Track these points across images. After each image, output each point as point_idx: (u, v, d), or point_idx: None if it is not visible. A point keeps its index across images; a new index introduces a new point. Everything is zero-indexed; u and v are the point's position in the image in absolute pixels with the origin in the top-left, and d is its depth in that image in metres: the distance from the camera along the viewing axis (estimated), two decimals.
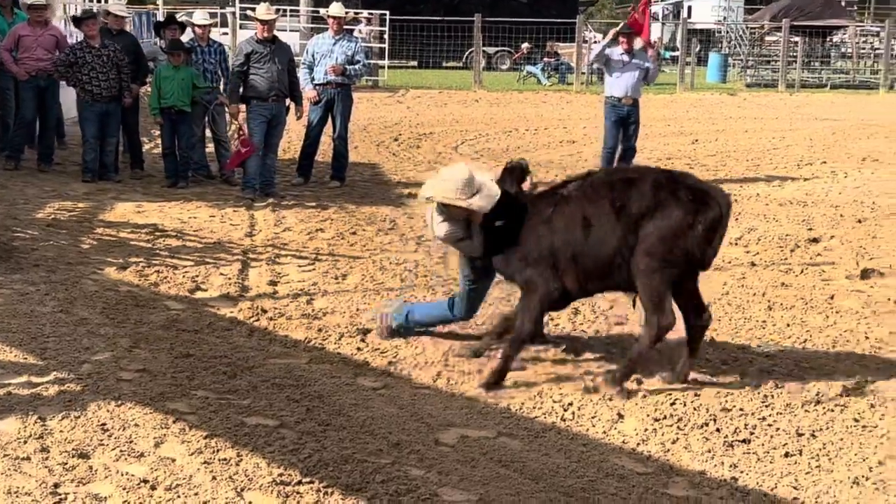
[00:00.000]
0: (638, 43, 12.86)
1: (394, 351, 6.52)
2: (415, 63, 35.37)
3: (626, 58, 12.64)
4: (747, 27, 37.67)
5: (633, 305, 6.11)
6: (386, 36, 29.36)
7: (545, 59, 34.01)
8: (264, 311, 7.19)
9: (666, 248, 5.64)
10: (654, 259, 5.65)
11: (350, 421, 5.33)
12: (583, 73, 30.70)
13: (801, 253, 9.43)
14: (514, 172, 6.14)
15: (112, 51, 11.79)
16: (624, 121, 12.82)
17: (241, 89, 11.57)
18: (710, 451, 5.09)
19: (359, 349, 6.54)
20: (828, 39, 38.55)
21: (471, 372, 6.14)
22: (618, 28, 12.93)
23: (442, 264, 8.71)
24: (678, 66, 32.34)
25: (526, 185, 6.20)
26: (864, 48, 38.21)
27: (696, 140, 18.28)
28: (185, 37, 13.04)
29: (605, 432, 5.36)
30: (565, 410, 5.61)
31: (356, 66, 12.36)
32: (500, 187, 5.97)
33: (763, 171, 14.77)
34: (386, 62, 29.32)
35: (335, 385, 5.86)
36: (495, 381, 5.89)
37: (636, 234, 5.70)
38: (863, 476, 4.81)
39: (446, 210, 6.01)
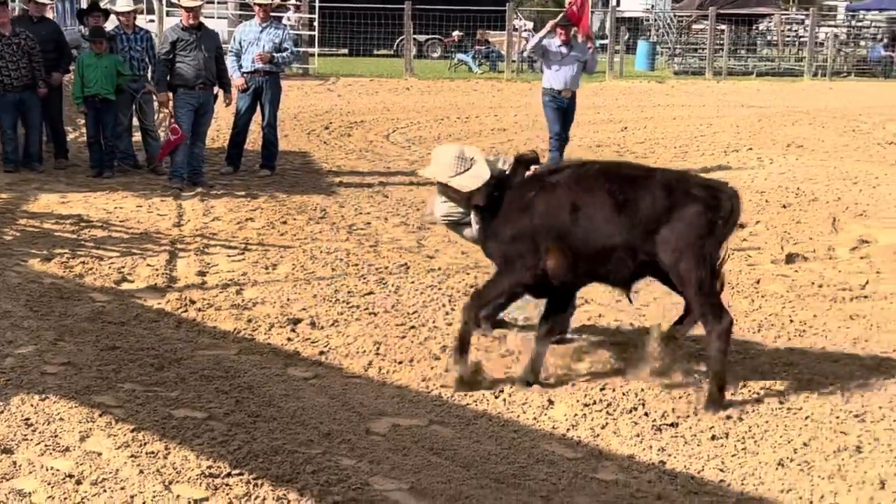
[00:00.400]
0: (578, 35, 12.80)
1: (325, 341, 6.48)
2: (345, 51, 35.13)
3: (564, 50, 12.51)
4: (675, 15, 38.06)
5: (630, 301, 6.09)
6: (315, 23, 29.12)
7: (476, 47, 34.03)
8: (192, 302, 7.11)
9: (701, 253, 5.43)
10: (697, 268, 5.41)
11: (280, 412, 5.28)
12: (513, 62, 30.77)
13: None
14: (524, 163, 5.89)
15: (23, 39, 11.49)
16: (563, 111, 12.76)
17: (168, 77, 11.41)
18: (638, 436, 5.14)
19: (289, 339, 6.49)
20: (754, 27, 39.12)
21: (402, 361, 6.13)
22: (556, 20, 12.72)
23: (373, 252, 8.68)
24: (607, 55, 32.55)
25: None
26: (789, 36, 38.81)
27: (626, 128, 18.43)
28: (111, 24, 12.80)
29: (535, 418, 5.38)
30: (496, 397, 5.62)
31: (284, 54, 12.26)
32: (495, 171, 5.81)
33: (690, 157, 14.95)
34: (316, 50, 29.08)
35: (265, 376, 5.81)
36: (459, 348, 5.78)
37: (650, 237, 5.46)
38: (787, 458, 4.89)
39: (445, 191, 5.92)
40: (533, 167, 5.92)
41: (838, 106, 23.20)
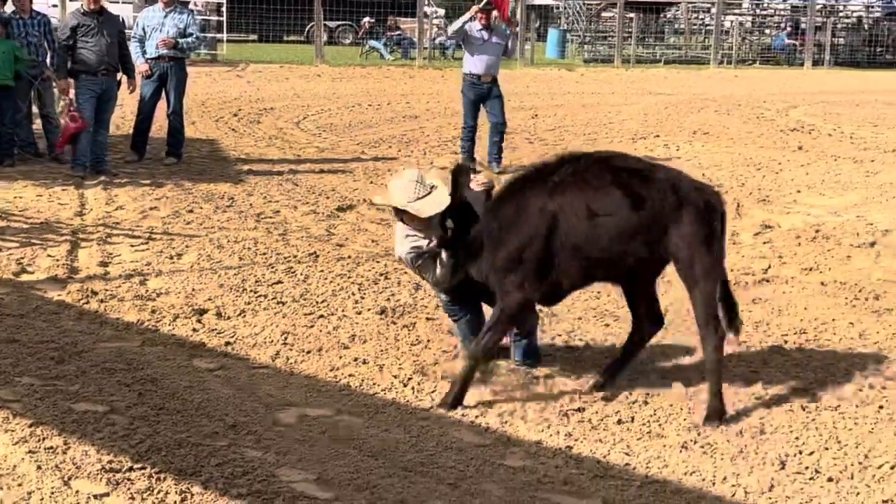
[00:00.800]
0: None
1: (231, 331, 6.39)
2: (255, 37, 34.73)
3: (485, 34, 12.30)
4: (584, 4, 38.38)
5: None
6: (223, 9, 28.73)
7: (387, 33, 33.91)
8: (94, 294, 6.94)
9: (711, 253, 5.25)
10: (707, 269, 5.22)
11: (185, 404, 5.19)
12: (425, 49, 30.74)
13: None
14: (462, 175, 5.43)
15: None
16: (483, 98, 12.47)
17: (68, 63, 11.14)
18: (546, 421, 5.17)
19: (194, 330, 6.38)
20: (661, 16, 39.67)
21: (310, 350, 6.07)
22: (479, 5, 12.30)
23: (282, 241, 8.58)
24: (518, 42, 32.72)
25: (476, 185, 5.54)
26: (695, 24, 39.44)
27: (536, 115, 18.52)
28: (9, 8, 12.42)
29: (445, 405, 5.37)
30: (405, 386, 5.60)
31: (189, 40, 12.05)
32: (455, 196, 5.37)
33: (600, 144, 15.07)
34: (224, 36, 28.70)
35: (169, 368, 5.71)
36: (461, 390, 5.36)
37: (657, 235, 5.23)
38: (691, 440, 4.96)
39: (402, 218, 5.60)
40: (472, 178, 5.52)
41: (743, 93, 23.64)
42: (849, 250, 8.71)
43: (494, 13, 12.49)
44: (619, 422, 5.18)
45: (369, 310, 6.88)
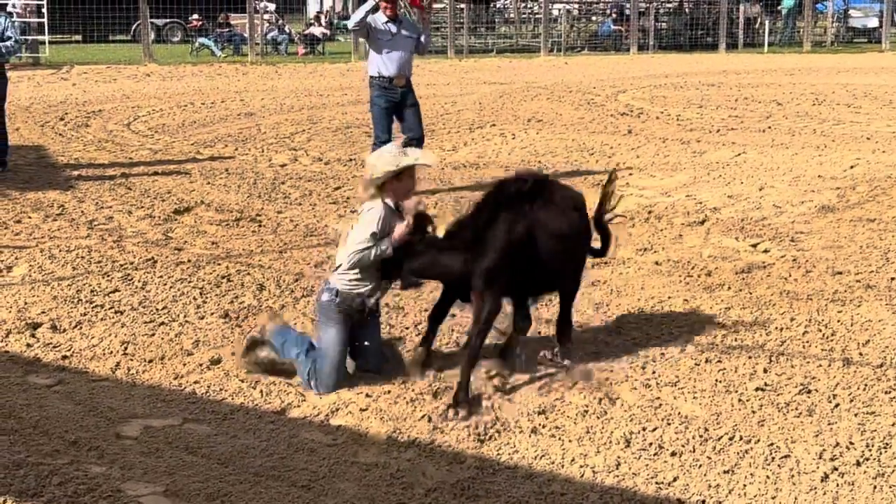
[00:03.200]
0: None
1: (68, 344, 6.17)
2: (79, 37, 33.62)
3: (392, 27, 10.50)
4: None
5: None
6: (44, 10, 27.69)
7: (218, 30, 33.31)
8: None
9: None
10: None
11: (21, 423, 5.00)
12: (257, 44, 30.33)
13: None
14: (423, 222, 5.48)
15: None
16: (398, 106, 10.65)
17: None
18: (399, 416, 5.17)
19: (28, 345, 6.13)
20: (491, 5, 40.16)
21: (152, 359, 5.92)
22: None
23: (117, 248, 8.33)
24: (351, 36, 32.61)
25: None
26: (524, 13, 40.10)
27: None
28: None
29: (294, 407, 5.32)
30: (253, 389, 5.52)
31: (7, 44, 11.53)
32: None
33: (437, 136, 15.16)
34: (46, 37, 27.69)
35: (3, 386, 5.48)
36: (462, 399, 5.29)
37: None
38: (540, 425, 5.05)
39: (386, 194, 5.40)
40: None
41: (573, 80, 24.16)
42: (680, 229, 9.02)
43: (402, 2, 10.93)
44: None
45: (212, 314, 6.75)
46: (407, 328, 6.51)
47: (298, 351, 5.58)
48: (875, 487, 4.38)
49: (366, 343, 5.66)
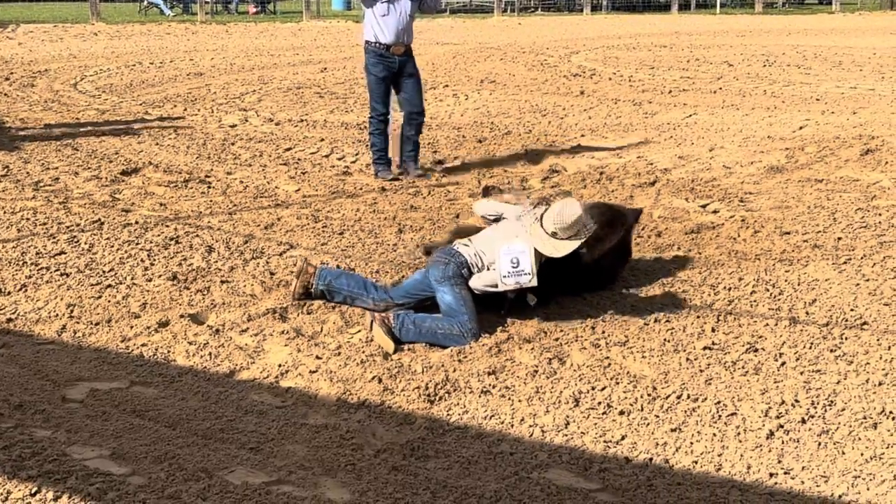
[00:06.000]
0: None
1: (12, 307, 6.07)
2: None
3: None
4: None
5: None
6: None
7: None
8: None
9: None
10: None
11: None
12: (206, 3, 29.89)
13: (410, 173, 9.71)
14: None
15: None
16: (396, 76, 9.50)
17: None
18: (347, 379, 5.16)
19: None
20: None
21: (99, 322, 5.84)
22: None
23: (63, 210, 8.21)
24: None
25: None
26: None
27: (325, 69, 18.37)
28: None
29: (243, 369, 5.29)
30: (202, 351, 5.47)
31: None
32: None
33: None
34: None
35: None
36: None
37: None
38: (490, 385, 5.06)
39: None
40: None
41: (527, 41, 24.11)
42: (631, 190, 9.05)
43: None
44: (420, 372, 5.22)
45: (160, 276, 6.68)
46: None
47: (433, 323, 5.65)
48: (819, 444, 4.44)
49: None
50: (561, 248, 5.62)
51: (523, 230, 5.76)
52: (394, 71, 9.40)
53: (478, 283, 5.78)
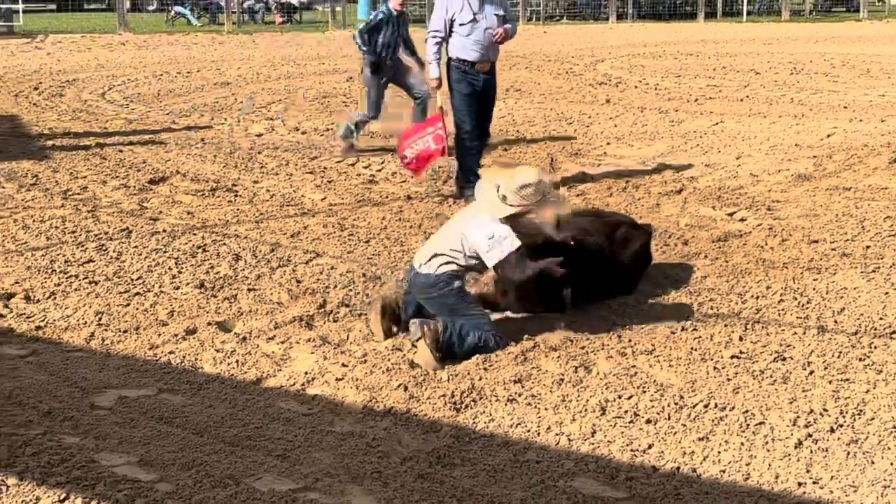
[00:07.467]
0: None
1: (41, 315, 6.12)
2: (53, 6, 33.28)
3: (474, 3, 8.72)
4: None
5: None
6: None
7: None
8: None
9: None
10: None
11: None
12: (233, 13, 30.09)
13: (452, 184, 9.72)
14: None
15: None
16: (480, 95, 8.96)
17: None
18: (374, 387, 5.16)
19: (1, 316, 6.08)
20: None
21: (127, 330, 5.88)
22: None
23: (92, 218, 8.27)
24: (329, 4, 32.44)
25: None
26: None
27: (351, 77, 18.41)
28: None
29: (270, 376, 5.30)
30: (228, 359, 5.50)
31: None
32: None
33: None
34: (20, 6, 27.38)
35: None
36: None
37: None
38: (516, 393, 5.06)
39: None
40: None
41: (552, 49, 24.12)
42: (658, 198, 9.02)
43: None
44: (448, 379, 5.22)
45: (188, 284, 6.71)
46: None
47: (462, 323, 5.58)
48: (848, 454, 4.40)
49: None
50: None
51: (476, 209, 5.68)
52: (478, 88, 8.92)
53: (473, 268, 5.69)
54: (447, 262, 5.60)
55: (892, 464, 4.30)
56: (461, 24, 8.72)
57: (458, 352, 5.50)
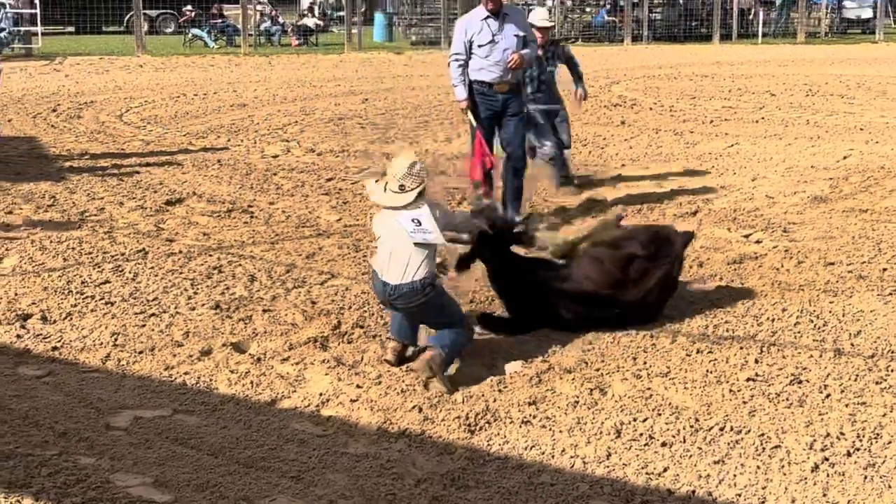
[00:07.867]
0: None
1: (58, 335, 6.15)
2: (72, 29, 33.52)
3: (493, 24, 8.59)
4: None
5: None
6: (37, 1, 27.57)
7: (211, 21, 33.21)
8: None
9: None
10: None
11: (11, 414, 4.98)
12: (250, 35, 30.27)
13: (466, 204, 9.72)
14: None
15: None
16: (499, 115, 8.75)
17: None
18: (388, 408, 5.16)
19: (18, 336, 6.12)
20: None
21: (143, 350, 5.90)
22: None
23: (108, 239, 8.31)
24: (345, 27, 32.61)
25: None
26: (518, 4, 39.97)
27: (366, 99, 18.48)
28: None
29: (285, 398, 5.31)
30: (243, 380, 5.51)
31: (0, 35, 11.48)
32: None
33: (431, 127, 15.15)
34: (39, 28, 27.56)
35: None
36: None
37: None
38: (531, 415, 5.05)
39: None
40: None
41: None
42: (673, 220, 9.00)
43: None
44: (463, 401, 5.22)
45: (203, 305, 6.74)
46: None
47: (447, 335, 5.61)
48: (865, 478, 4.38)
49: None
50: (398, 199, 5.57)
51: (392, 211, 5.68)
52: (497, 110, 8.72)
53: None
54: (423, 263, 5.55)
55: None
56: (480, 46, 8.59)
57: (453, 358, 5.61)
